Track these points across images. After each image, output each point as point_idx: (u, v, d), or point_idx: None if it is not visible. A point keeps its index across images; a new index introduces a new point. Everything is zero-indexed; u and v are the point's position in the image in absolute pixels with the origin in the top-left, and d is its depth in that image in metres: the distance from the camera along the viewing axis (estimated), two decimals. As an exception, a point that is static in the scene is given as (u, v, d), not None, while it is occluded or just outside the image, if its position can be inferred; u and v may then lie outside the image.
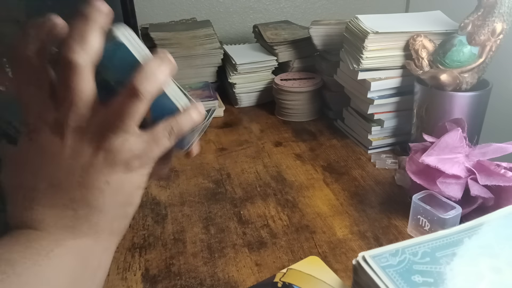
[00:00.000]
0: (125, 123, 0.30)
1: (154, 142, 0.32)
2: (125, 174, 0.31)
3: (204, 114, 0.35)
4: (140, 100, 0.29)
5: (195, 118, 0.33)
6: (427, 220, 0.50)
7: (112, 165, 0.30)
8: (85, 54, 0.28)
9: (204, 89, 0.96)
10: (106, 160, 0.30)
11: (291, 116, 0.90)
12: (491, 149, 0.53)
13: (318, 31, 0.88)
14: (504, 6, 0.59)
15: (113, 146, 0.30)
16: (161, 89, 0.31)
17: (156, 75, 0.30)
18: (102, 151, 0.30)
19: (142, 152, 0.31)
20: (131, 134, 0.30)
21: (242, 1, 1.35)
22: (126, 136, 0.30)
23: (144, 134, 0.31)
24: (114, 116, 0.30)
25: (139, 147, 0.31)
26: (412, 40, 0.68)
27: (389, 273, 0.33)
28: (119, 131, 0.30)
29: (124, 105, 0.29)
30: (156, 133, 0.32)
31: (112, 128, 0.30)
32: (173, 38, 0.98)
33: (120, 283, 0.48)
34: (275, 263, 0.49)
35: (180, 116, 0.33)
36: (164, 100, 0.32)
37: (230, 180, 0.68)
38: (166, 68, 0.30)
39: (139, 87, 0.29)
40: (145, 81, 0.29)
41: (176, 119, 0.32)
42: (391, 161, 0.70)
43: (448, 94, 0.62)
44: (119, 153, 0.30)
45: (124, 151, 0.30)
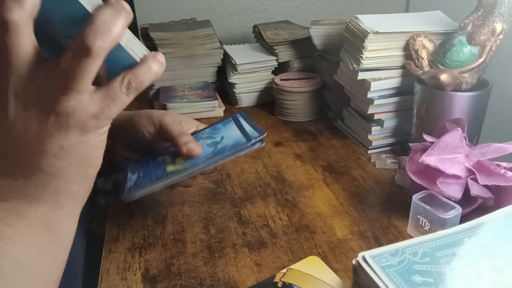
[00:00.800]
0: (77, 83, 0.27)
1: (111, 99, 0.29)
2: (81, 136, 0.29)
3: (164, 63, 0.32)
4: (93, 58, 0.26)
5: (155, 69, 0.31)
6: (427, 220, 0.50)
7: (66, 129, 0.28)
8: (20, 10, 0.25)
9: (204, 89, 0.96)
10: (58, 124, 0.28)
11: (291, 116, 0.90)
12: (491, 149, 0.53)
13: (318, 31, 0.88)
14: (504, 6, 0.59)
15: (65, 109, 0.27)
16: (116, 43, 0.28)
17: (110, 27, 0.27)
18: (53, 115, 0.27)
19: (98, 111, 0.29)
20: (84, 93, 0.28)
21: (242, 1, 1.35)
22: (79, 96, 0.27)
23: (99, 92, 0.29)
24: (64, 76, 0.27)
25: (95, 107, 0.28)
26: (412, 40, 0.68)
27: (389, 273, 0.33)
28: (70, 92, 0.27)
29: (74, 64, 0.27)
30: (112, 89, 0.29)
31: (63, 89, 0.27)
32: (173, 38, 0.98)
33: (120, 283, 0.48)
34: (275, 263, 0.49)
35: (138, 68, 0.30)
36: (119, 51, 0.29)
37: (230, 180, 0.68)
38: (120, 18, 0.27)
39: (91, 43, 0.26)
40: (97, 36, 0.26)
41: (134, 71, 0.30)
42: (391, 161, 0.70)
43: (448, 94, 0.62)
44: (72, 115, 0.28)
45: (78, 113, 0.28)
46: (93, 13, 0.27)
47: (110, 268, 0.50)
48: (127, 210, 0.60)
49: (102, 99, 0.29)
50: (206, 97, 0.92)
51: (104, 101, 0.29)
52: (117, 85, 0.29)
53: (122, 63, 0.30)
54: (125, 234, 0.56)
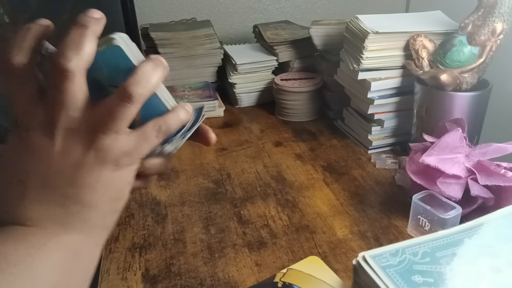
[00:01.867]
0: (116, 124, 0.31)
1: (144, 140, 0.33)
2: (114, 171, 0.32)
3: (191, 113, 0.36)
4: (132, 103, 0.30)
5: (182, 117, 0.35)
6: (427, 220, 0.50)
7: (102, 163, 0.31)
8: (78, 60, 0.29)
9: (204, 89, 0.96)
10: (96, 159, 0.31)
11: (291, 116, 0.90)
12: (491, 149, 0.53)
13: (318, 31, 0.88)
14: (504, 6, 0.59)
15: (103, 146, 0.31)
16: (152, 92, 0.32)
17: (149, 79, 0.31)
18: (92, 150, 0.31)
19: (132, 150, 0.32)
20: (121, 133, 0.31)
21: (242, 1, 1.35)
22: (117, 136, 0.31)
23: (133, 133, 0.32)
24: (106, 117, 0.30)
25: (129, 145, 0.32)
26: (412, 40, 0.68)
27: (389, 273, 0.33)
28: (110, 132, 0.31)
29: (116, 107, 0.30)
30: (145, 131, 0.33)
31: (104, 128, 0.31)
32: (173, 38, 0.97)
33: (120, 283, 0.48)
34: (275, 263, 0.49)
35: (168, 115, 0.34)
36: (154, 100, 0.33)
37: (230, 180, 0.68)
38: (159, 72, 0.31)
39: (132, 90, 0.30)
40: (138, 85, 0.30)
41: (165, 118, 0.34)
42: (391, 161, 0.70)
43: (448, 94, 0.62)
44: (109, 152, 0.31)
45: (114, 150, 0.31)
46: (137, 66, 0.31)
47: (110, 268, 0.50)
48: (127, 210, 0.60)
49: (136, 140, 0.32)
50: (206, 97, 0.92)
51: (137, 141, 0.32)
52: (150, 128, 0.33)
53: (155, 110, 0.34)
54: (125, 234, 0.56)
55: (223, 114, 0.93)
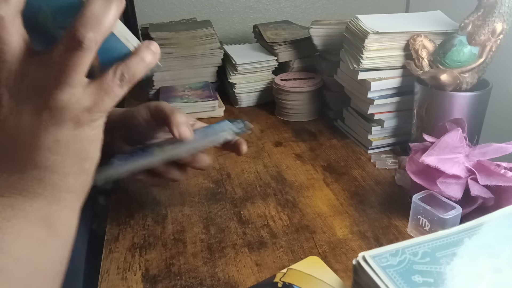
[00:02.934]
0: (70, 76, 0.27)
1: (104, 91, 0.29)
2: (75, 129, 0.29)
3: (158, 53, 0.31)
4: (84, 50, 0.26)
5: (148, 59, 0.30)
6: (427, 220, 0.50)
7: (60, 123, 0.28)
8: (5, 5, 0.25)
9: (204, 89, 0.96)
10: (52, 118, 0.27)
11: (291, 116, 0.90)
12: (491, 149, 0.53)
13: (318, 31, 0.88)
14: (504, 6, 0.59)
15: (58, 103, 0.27)
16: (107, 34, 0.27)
17: (101, 18, 0.26)
18: (46, 109, 0.27)
19: (92, 104, 0.28)
20: (77, 87, 0.27)
21: (242, 1, 1.35)
22: (72, 90, 0.27)
23: (92, 85, 0.28)
24: (56, 69, 0.27)
25: (88, 100, 0.28)
26: (412, 40, 0.68)
27: (389, 273, 0.33)
28: (63, 86, 0.27)
29: (66, 57, 0.26)
30: (106, 81, 0.29)
31: (55, 83, 0.27)
32: (173, 38, 0.97)
33: (120, 283, 0.48)
34: (275, 263, 0.49)
35: (131, 59, 0.30)
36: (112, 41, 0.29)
37: (230, 180, 0.68)
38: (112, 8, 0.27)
39: (81, 35, 0.26)
40: (88, 28, 0.26)
41: (126, 62, 0.29)
42: (391, 161, 0.70)
43: (448, 94, 0.62)
44: (66, 109, 0.27)
45: (72, 107, 0.28)
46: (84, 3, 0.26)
47: (110, 268, 0.50)
48: (127, 210, 0.60)
49: (95, 92, 0.28)
50: (206, 97, 0.92)
51: (97, 93, 0.28)
52: (110, 77, 0.29)
53: (116, 53, 0.29)
54: (125, 234, 0.56)
55: (223, 114, 0.93)
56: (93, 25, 0.26)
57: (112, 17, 0.27)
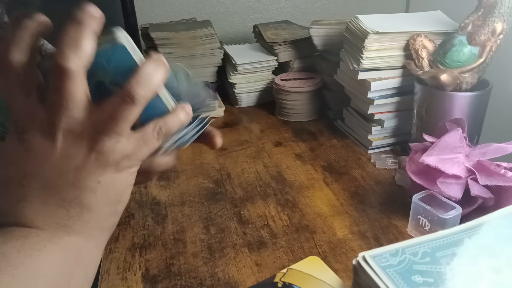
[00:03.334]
0: (119, 125, 0.30)
1: (144, 142, 0.32)
2: (115, 173, 0.31)
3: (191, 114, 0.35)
4: (135, 105, 0.30)
5: (182, 118, 0.34)
6: (427, 220, 0.50)
7: (104, 166, 0.31)
8: (78, 60, 0.28)
9: (204, 89, 0.96)
10: (98, 161, 0.30)
11: (291, 116, 0.90)
12: (491, 149, 0.53)
13: (318, 31, 0.88)
14: (504, 6, 0.59)
15: (105, 148, 0.30)
16: (155, 93, 0.31)
17: (152, 79, 0.30)
18: (94, 153, 0.30)
19: (133, 152, 0.32)
20: (123, 136, 0.31)
21: (242, 1, 1.35)
22: (119, 138, 0.31)
23: (134, 135, 0.32)
24: (108, 118, 0.30)
25: (130, 148, 0.31)
26: (412, 40, 0.68)
27: (389, 273, 0.33)
28: (112, 134, 0.30)
29: (119, 109, 0.30)
30: (146, 133, 0.32)
31: (106, 130, 0.30)
32: (173, 38, 0.97)
33: (120, 283, 0.48)
34: (275, 263, 0.49)
35: (169, 117, 0.33)
36: (155, 100, 0.32)
37: (230, 180, 0.68)
38: (161, 71, 0.31)
39: (135, 91, 0.29)
40: (141, 86, 0.30)
41: (165, 119, 0.33)
42: (391, 161, 0.70)
43: (448, 94, 0.62)
44: (111, 154, 0.31)
45: (116, 153, 0.31)
46: (140, 65, 0.30)
47: (110, 268, 0.50)
48: (127, 210, 0.60)
49: (136, 142, 0.32)
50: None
51: (138, 143, 0.32)
52: (150, 130, 0.32)
53: (156, 111, 0.33)
54: (125, 234, 0.56)
55: (223, 114, 0.93)
56: (145, 84, 0.30)
57: (160, 79, 0.31)
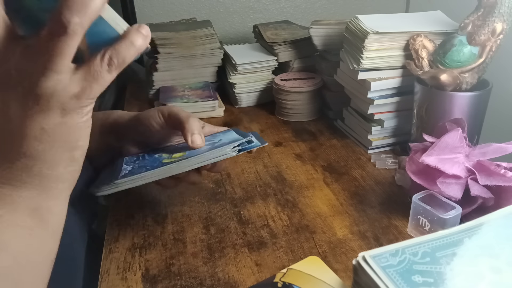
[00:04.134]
0: (55, 62, 0.26)
1: (92, 77, 0.28)
2: (62, 117, 0.28)
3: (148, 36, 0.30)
4: (70, 36, 0.25)
5: (139, 43, 0.29)
6: (427, 220, 0.50)
7: (46, 110, 0.27)
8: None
9: (204, 89, 0.96)
10: (38, 106, 0.27)
11: (291, 116, 0.90)
12: (491, 149, 0.53)
13: (318, 31, 0.88)
14: (504, 6, 0.59)
15: (44, 90, 0.26)
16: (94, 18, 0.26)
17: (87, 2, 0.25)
18: (31, 97, 0.26)
19: (80, 91, 0.28)
20: (63, 73, 0.27)
21: (242, 1, 1.35)
22: (58, 76, 0.26)
23: (79, 70, 0.28)
24: (41, 55, 0.26)
25: (75, 86, 0.27)
26: (412, 40, 0.68)
27: (389, 273, 0.33)
28: (48, 73, 0.26)
29: (51, 43, 0.25)
30: (93, 66, 0.28)
31: (40, 70, 0.26)
32: (173, 38, 0.97)
33: (120, 283, 0.48)
34: (275, 263, 0.49)
35: (120, 43, 0.28)
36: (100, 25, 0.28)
37: (230, 180, 0.68)
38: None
39: (67, 19, 0.25)
40: (74, 12, 0.25)
41: (115, 46, 0.28)
42: (391, 161, 0.70)
43: (448, 94, 0.62)
44: (52, 96, 0.27)
45: (58, 94, 0.27)
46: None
47: (110, 268, 0.50)
48: (127, 210, 0.60)
49: (83, 78, 0.28)
50: (206, 97, 0.92)
51: (85, 80, 0.28)
52: (98, 62, 0.28)
53: (105, 37, 0.28)
54: (125, 234, 0.56)
55: (223, 114, 0.93)
56: (79, 8, 0.25)
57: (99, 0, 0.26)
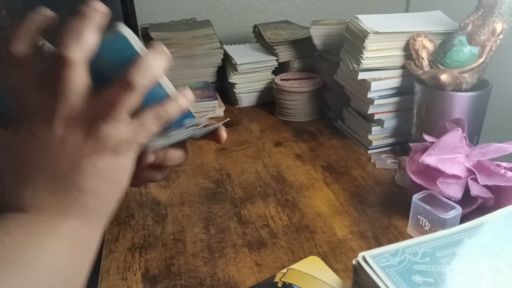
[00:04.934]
0: (117, 112, 0.31)
1: (142, 128, 0.33)
2: (113, 158, 0.32)
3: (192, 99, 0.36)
4: (134, 93, 0.30)
5: (182, 104, 0.35)
6: (427, 220, 0.50)
7: (101, 151, 0.31)
8: (79, 50, 0.29)
9: (204, 89, 0.96)
10: (96, 146, 0.31)
11: (291, 116, 0.90)
12: (491, 149, 0.53)
13: (318, 31, 0.88)
14: (504, 6, 0.59)
15: (103, 134, 0.31)
16: (154, 81, 0.32)
17: (151, 68, 0.31)
18: (92, 138, 0.31)
19: (130, 138, 0.32)
20: (122, 122, 0.31)
21: (242, 1, 1.35)
22: (117, 124, 0.31)
23: (133, 121, 0.32)
24: (107, 105, 0.31)
25: (128, 133, 0.32)
26: (412, 40, 0.68)
27: (389, 273, 0.33)
28: (110, 120, 0.31)
29: (118, 96, 0.30)
30: (145, 119, 0.33)
31: (104, 117, 0.31)
32: (173, 38, 0.97)
33: (120, 283, 0.48)
34: (275, 263, 0.49)
35: (168, 103, 0.34)
36: (156, 88, 0.33)
37: (230, 180, 0.68)
38: (161, 61, 0.32)
39: (134, 79, 0.30)
40: (141, 74, 0.30)
41: (164, 105, 0.34)
42: (391, 161, 0.70)
43: (448, 94, 0.62)
44: (109, 140, 0.31)
45: (114, 138, 0.31)
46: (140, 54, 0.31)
47: (110, 268, 0.50)
48: (127, 210, 0.60)
49: (135, 128, 0.32)
50: (206, 97, 0.92)
51: (136, 129, 0.32)
52: (149, 116, 0.33)
53: (156, 97, 0.34)
54: (125, 234, 0.56)
55: (223, 114, 0.93)
56: (144, 72, 0.31)
57: (160, 67, 0.32)
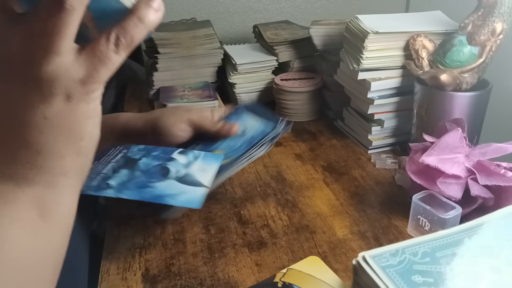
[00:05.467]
0: (55, 43, 0.23)
1: (98, 59, 0.25)
2: (66, 104, 0.25)
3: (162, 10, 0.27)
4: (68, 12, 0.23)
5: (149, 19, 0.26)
6: (427, 220, 0.50)
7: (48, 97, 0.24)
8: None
9: (204, 89, 0.96)
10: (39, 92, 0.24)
11: (291, 116, 0.90)
12: (491, 149, 0.53)
13: (318, 31, 0.88)
14: (504, 6, 0.59)
15: (45, 75, 0.24)
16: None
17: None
18: (32, 83, 0.24)
19: (85, 75, 0.25)
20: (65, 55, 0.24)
21: (242, 1, 1.35)
22: (60, 59, 0.24)
23: (84, 52, 0.25)
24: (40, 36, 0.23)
25: (80, 70, 0.25)
26: (412, 40, 0.68)
27: (389, 273, 0.33)
28: (49, 55, 0.24)
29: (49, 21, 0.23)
30: (99, 47, 0.25)
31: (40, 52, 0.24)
32: (173, 38, 0.97)
33: (120, 283, 0.48)
34: (275, 263, 0.49)
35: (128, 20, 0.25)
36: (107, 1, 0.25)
37: (230, 180, 0.68)
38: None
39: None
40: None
41: (122, 24, 0.25)
42: (391, 161, 0.70)
43: (448, 94, 0.62)
44: (54, 81, 0.24)
45: (61, 78, 0.24)
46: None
47: (110, 268, 0.50)
48: (127, 210, 0.60)
49: (88, 60, 0.25)
50: (206, 97, 0.92)
51: (90, 62, 0.25)
52: (103, 42, 0.25)
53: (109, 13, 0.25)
54: (125, 234, 0.56)
55: (223, 114, 0.93)
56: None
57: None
